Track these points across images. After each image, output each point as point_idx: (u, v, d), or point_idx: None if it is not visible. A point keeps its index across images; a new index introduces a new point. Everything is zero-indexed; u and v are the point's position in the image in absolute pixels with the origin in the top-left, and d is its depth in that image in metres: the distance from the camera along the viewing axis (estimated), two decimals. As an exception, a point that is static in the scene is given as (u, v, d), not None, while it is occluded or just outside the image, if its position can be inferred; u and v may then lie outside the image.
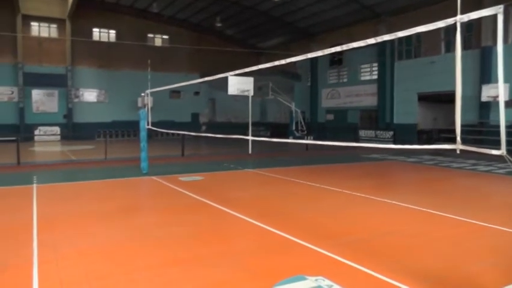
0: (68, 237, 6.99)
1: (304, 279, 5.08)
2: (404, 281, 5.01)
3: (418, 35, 27.48)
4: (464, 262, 5.83)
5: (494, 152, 4.05)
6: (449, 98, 24.28)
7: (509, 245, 6.63)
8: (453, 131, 4.40)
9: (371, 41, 5.35)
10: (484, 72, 23.86)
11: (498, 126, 3.82)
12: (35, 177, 13.74)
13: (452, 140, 4.58)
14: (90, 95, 36.77)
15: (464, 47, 23.29)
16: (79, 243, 6.64)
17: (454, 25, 4.24)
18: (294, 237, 6.92)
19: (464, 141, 4.34)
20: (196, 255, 6.08)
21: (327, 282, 4.98)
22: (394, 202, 9.92)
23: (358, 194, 10.94)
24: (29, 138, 32.22)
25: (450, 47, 26.16)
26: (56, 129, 34.17)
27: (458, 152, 4.43)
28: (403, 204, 9.64)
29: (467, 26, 24.30)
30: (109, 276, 5.25)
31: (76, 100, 35.92)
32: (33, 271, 5.39)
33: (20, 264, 5.66)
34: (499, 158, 17.51)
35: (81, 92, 36.28)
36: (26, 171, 15.43)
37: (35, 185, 12.28)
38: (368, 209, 9.42)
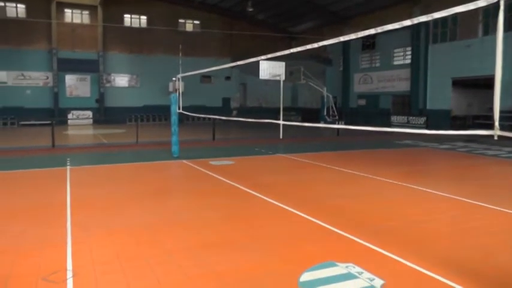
0: (100, 218, 7.13)
1: (335, 265, 5.03)
2: (436, 270, 4.90)
3: (454, 17, 26.68)
4: (499, 252, 5.66)
5: (535, 138, 3.86)
6: (485, 83, 23.65)
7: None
8: (489, 117, 4.23)
9: (406, 22, 5.17)
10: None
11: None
12: (68, 159, 14.05)
13: (488, 127, 4.40)
14: (121, 80, 37.28)
15: (505, 28, 22.44)
16: (111, 224, 6.76)
17: (495, 5, 4.04)
18: (324, 223, 6.86)
19: (501, 128, 4.15)
20: (227, 239, 6.09)
21: (357, 269, 4.92)
22: (427, 189, 9.72)
23: (390, 181, 10.77)
24: (63, 121, 33.05)
25: (488, 30, 25.31)
26: (89, 113, 34.90)
27: (496, 138, 4.24)
28: (436, 192, 9.44)
29: (509, 6, 23.31)
30: (139, 258, 5.31)
31: (108, 85, 36.49)
32: (67, 250, 5.52)
33: (55, 244, 5.80)
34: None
35: (112, 77, 36.82)
36: (60, 154, 15.80)
37: (68, 167, 12.56)
38: (400, 196, 9.26)
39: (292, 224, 6.96)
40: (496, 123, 4.06)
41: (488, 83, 18.85)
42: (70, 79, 35.08)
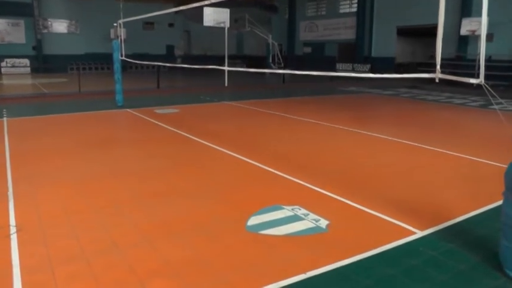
0: (44, 172, 6.89)
1: (281, 208, 5.16)
2: (379, 209, 5.13)
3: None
4: (437, 190, 5.98)
5: (473, 80, 4.03)
6: (429, 31, 24.18)
7: (480, 174, 6.82)
8: (431, 64, 4.37)
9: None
10: (464, 6, 23.60)
11: (475, 60, 3.77)
12: (4, 110, 13.35)
13: (430, 73, 4.56)
14: (60, 26, 35.15)
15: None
16: (55, 178, 6.55)
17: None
18: (270, 168, 6.97)
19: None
20: (174, 188, 6.08)
21: (303, 211, 5.07)
22: (370, 133, 10.02)
23: (335, 126, 11.01)
24: (-4, 70, 31.00)
25: (432, -22, 25.65)
26: (25, 62, 32.88)
27: (437, 80, 4.40)
28: (380, 136, 9.76)
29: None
30: (87, 210, 5.21)
31: (45, 31, 34.35)
32: (9, 206, 5.30)
33: (-5, 198, 5.57)
34: (472, 91, 17.82)
35: (49, 22, 34.62)
36: (-5, 105, 15.00)
37: (5, 119, 11.94)
38: (345, 140, 9.51)
39: (239, 170, 7.04)
40: (438, 67, 4.20)
41: (432, 32, 19.31)
42: (0, 24, 32.70)
